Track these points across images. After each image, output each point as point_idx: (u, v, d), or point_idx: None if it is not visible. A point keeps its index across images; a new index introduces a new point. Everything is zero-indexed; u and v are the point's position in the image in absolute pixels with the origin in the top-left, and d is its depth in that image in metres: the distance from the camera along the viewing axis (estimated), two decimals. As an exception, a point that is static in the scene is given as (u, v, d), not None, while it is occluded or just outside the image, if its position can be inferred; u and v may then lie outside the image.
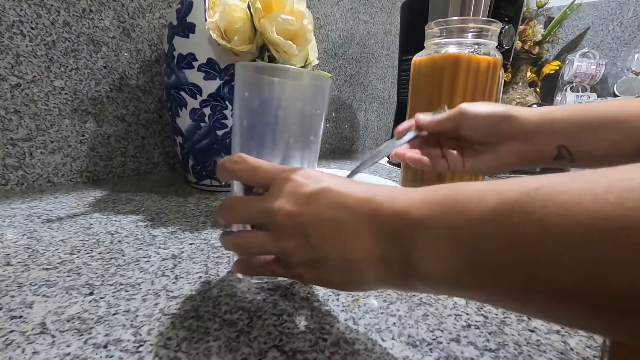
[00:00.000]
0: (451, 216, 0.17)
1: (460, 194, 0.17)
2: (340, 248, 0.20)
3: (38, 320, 0.23)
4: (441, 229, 0.17)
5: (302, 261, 0.22)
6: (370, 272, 0.20)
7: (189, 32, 0.48)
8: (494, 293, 0.16)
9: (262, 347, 0.21)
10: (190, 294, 0.27)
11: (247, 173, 0.24)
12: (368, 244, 0.19)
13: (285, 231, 0.22)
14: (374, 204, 0.20)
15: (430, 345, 0.22)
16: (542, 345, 0.23)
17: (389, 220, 0.19)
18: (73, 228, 0.39)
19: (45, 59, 0.51)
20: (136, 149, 0.62)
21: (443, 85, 0.44)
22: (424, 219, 0.18)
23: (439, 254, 0.17)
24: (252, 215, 0.24)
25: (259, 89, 0.26)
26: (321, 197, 0.21)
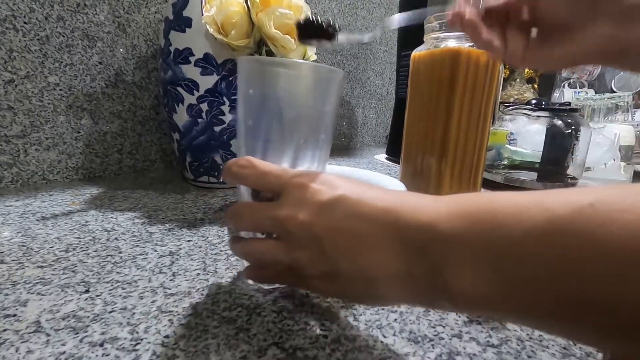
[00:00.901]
0: (488, 232, 0.15)
1: (498, 207, 0.16)
2: (358, 262, 0.19)
3: (32, 318, 0.23)
4: (476, 245, 0.16)
5: (317, 274, 0.20)
6: (391, 290, 0.18)
7: (186, 26, 0.47)
8: (537, 317, 0.15)
9: (262, 344, 0.21)
10: (188, 291, 0.26)
11: (256, 178, 0.22)
12: (389, 259, 0.18)
13: (299, 241, 0.20)
14: (395, 215, 0.18)
15: (432, 341, 0.22)
16: (544, 341, 0.22)
17: (414, 234, 0.17)
18: (68, 225, 0.38)
19: (39, 54, 0.50)
20: (132, 146, 0.62)
21: (442, 80, 0.44)
22: (455, 233, 0.16)
23: (473, 273, 0.15)
24: (262, 223, 0.22)
25: (264, 85, 0.24)
26: (337, 206, 0.19)
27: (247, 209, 0.23)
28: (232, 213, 0.23)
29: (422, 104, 0.47)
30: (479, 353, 0.21)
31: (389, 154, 0.88)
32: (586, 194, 0.14)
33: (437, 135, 0.45)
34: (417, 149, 0.49)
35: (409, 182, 0.49)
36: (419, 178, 0.49)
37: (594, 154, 0.71)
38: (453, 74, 0.43)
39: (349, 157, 0.91)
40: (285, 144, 0.24)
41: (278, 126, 0.24)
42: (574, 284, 0.13)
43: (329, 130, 0.26)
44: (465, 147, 0.45)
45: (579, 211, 0.14)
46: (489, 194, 0.17)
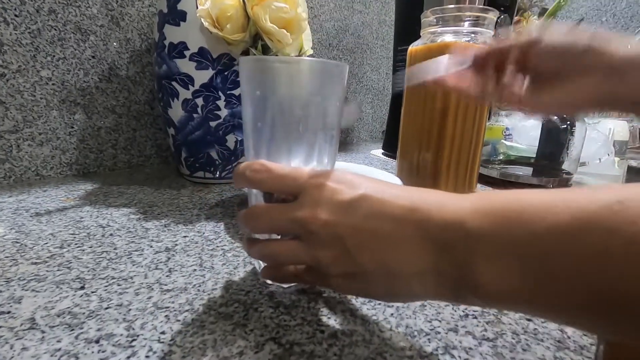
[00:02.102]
0: (515, 228, 0.16)
1: (524, 204, 0.16)
2: (383, 261, 0.19)
3: (27, 315, 0.23)
4: (503, 241, 0.16)
5: (339, 273, 0.20)
6: (417, 286, 0.18)
7: (180, 20, 0.47)
8: (564, 312, 0.15)
9: (259, 339, 0.21)
10: (184, 287, 0.26)
11: (272, 182, 0.22)
12: (415, 257, 0.18)
13: (321, 241, 0.20)
14: (421, 213, 0.18)
15: (429, 336, 0.22)
16: (539, 334, 0.23)
17: (440, 231, 0.17)
18: (63, 222, 0.38)
19: (30, 48, 0.49)
20: (127, 141, 0.61)
21: None
22: (482, 230, 0.16)
23: (500, 269, 0.16)
24: (281, 225, 0.22)
25: (271, 84, 0.23)
26: (360, 205, 0.19)
27: (263, 212, 0.23)
28: (248, 216, 0.23)
29: (418, 99, 0.47)
30: (474, 347, 0.21)
31: (386, 149, 0.88)
32: (614, 192, 0.14)
33: (434, 131, 0.45)
34: (413, 144, 0.49)
35: (405, 177, 0.49)
36: (416, 173, 0.49)
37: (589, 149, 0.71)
38: None
39: (346, 153, 0.90)
40: (296, 142, 0.24)
41: (288, 125, 0.24)
42: (601, 280, 0.13)
43: (337, 126, 0.26)
44: (462, 142, 0.45)
45: (607, 208, 0.14)
46: (514, 192, 0.17)
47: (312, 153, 0.24)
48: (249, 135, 0.25)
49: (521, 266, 0.15)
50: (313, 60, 0.24)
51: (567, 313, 0.15)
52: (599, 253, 0.13)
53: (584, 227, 0.14)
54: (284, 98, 0.23)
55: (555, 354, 0.21)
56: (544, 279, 0.15)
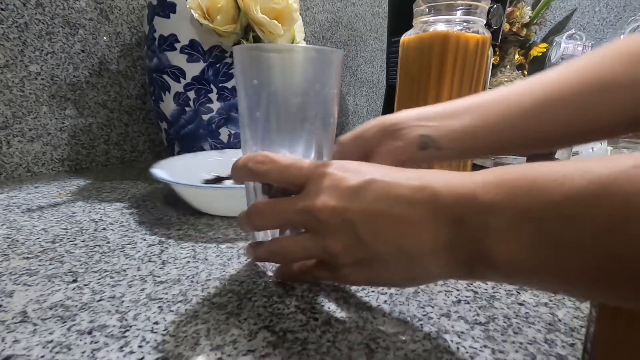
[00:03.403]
0: (529, 198, 0.15)
1: (537, 174, 0.16)
2: (397, 243, 0.18)
3: (18, 309, 0.22)
4: (518, 212, 0.15)
5: (351, 261, 0.20)
6: (433, 265, 0.18)
7: (170, 12, 0.46)
8: (582, 280, 0.15)
9: (252, 328, 0.21)
10: (177, 278, 0.26)
11: (277, 173, 0.22)
12: (428, 235, 0.18)
13: (331, 229, 0.20)
14: (430, 191, 0.18)
15: (421, 321, 0.22)
16: (530, 318, 0.23)
17: (452, 207, 0.17)
18: (55, 217, 0.37)
19: (18, 42, 0.49)
20: (119, 137, 0.61)
21: (432, 64, 0.43)
22: (495, 202, 0.16)
23: (516, 239, 0.15)
24: (288, 217, 0.21)
25: (267, 73, 0.23)
26: (368, 189, 0.19)
27: (268, 206, 0.22)
28: (251, 214, 0.22)
29: (411, 89, 0.47)
30: (466, 331, 0.21)
31: (380, 141, 0.88)
32: (628, 158, 0.14)
33: None
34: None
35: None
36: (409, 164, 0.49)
37: (582, 138, 0.72)
38: (442, 58, 0.43)
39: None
40: (296, 132, 0.24)
41: (285, 115, 0.23)
42: (619, 245, 0.13)
43: (335, 114, 0.25)
44: None
45: (624, 172, 0.13)
46: (523, 165, 0.17)
47: (311, 142, 0.24)
48: (245, 126, 0.24)
49: (537, 235, 0.15)
50: (308, 47, 0.23)
51: (584, 281, 0.15)
52: (617, 218, 0.13)
53: (601, 192, 0.14)
54: (280, 87, 0.23)
55: (546, 336, 0.21)
56: (561, 247, 0.15)
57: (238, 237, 0.33)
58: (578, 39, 1.24)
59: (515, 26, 1.21)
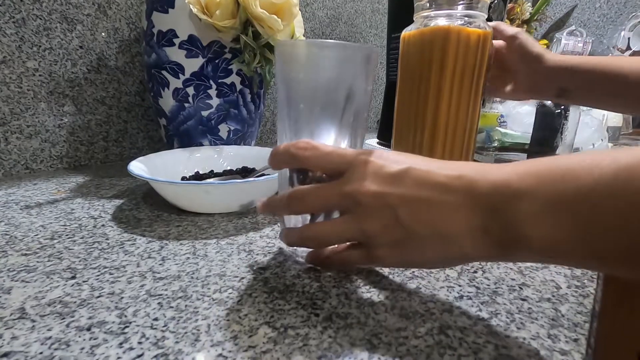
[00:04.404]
0: (561, 184, 0.17)
1: (567, 163, 0.17)
2: (434, 225, 0.20)
3: (17, 305, 0.22)
4: (550, 197, 0.17)
5: (388, 242, 0.21)
6: (467, 246, 0.19)
7: (168, 7, 0.46)
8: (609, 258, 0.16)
9: (253, 324, 0.21)
10: (177, 274, 0.26)
11: (318, 159, 0.22)
12: (465, 219, 0.19)
13: (370, 212, 0.21)
14: (467, 179, 0.19)
15: (424, 317, 0.22)
16: (533, 313, 0.23)
17: (487, 193, 0.19)
18: (54, 214, 0.37)
19: (15, 38, 0.48)
20: (118, 133, 0.60)
21: (433, 59, 0.43)
22: (529, 189, 0.17)
23: (548, 224, 0.17)
24: (330, 201, 0.22)
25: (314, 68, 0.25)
26: (407, 176, 0.20)
27: (309, 191, 0.23)
28: (292, 198, 0.23)
29: (412, 86, 0.46)
30: (469, 326, 0.21)
31: (381, 138, 0.87)
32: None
33: (428, 118, 0.45)
34: (407, 132, 0.48)
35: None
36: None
37: (583, 134, 0.71)
38: (443, 53, 0.42)
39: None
40: (335, 124, 0.25)
41: (328, 107, 0.25)
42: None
43: (369, 108, 0.27)
44: (456, 128, 0.45)
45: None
46: (550, 157, 0.18)
47: (347, 133, 0.26)
48: (285, 118, 0.26)
49: (569, 219, 0.16)
50: (351, 44, 0.25)
51: (613, 261, 0.16)
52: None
53: (630, 177, 0.15)
54: (324, 81, 0.25)
55: (549, 332, 0.21)
56: (592, 229, 0.16)
57: (238, 233, 0.33)
58: (578, 36, 1.23)
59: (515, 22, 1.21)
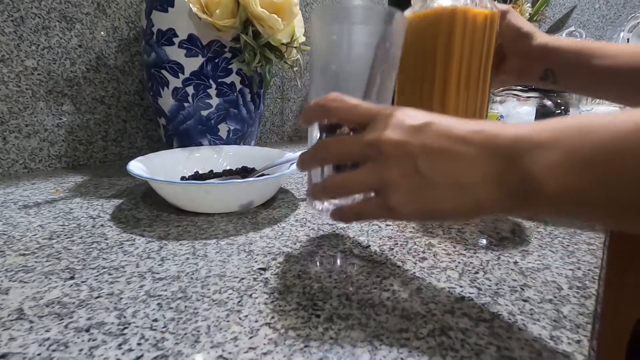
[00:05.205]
0: (580, 136, 0.17)
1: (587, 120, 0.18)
2: (452, 174, 0.20)
3: (15, 306, 0.22)
4: (569, 148, 0.17)
5: (406, 190, 0.21)
6: (484, 196, 0.20)
7: (168, 5, 0.45)
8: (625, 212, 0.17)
9: (254, 325, 0.21)
10: (177, 275, 0.26)
11: (346, 110, 0.24)
12: (482, 170, 0.20)
13: (391, 161, 0.21)
14: (487, 133, 0.20)
15: (425, 318, 0.22)
16: (535, 314, 0.23)
17: (507, 145, 0.19)
18: (52, 213, 0.37)
19: (14, 37, 0.48)
20: (117, 133, 0.60)
21: (437, 46, 0.39)
22: (549, 141, 0.18)
23: (567, 172, 0.17)
24: (353, 150, 0.23)
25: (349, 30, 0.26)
26: (429, 128, 0.21)
27: (335, 140, 0.24)
28: (318, 147, 0.24)
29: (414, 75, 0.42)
30: (471, 328, 0.21)
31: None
32: None
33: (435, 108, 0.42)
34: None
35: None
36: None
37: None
38: (450, 38, 0.38)
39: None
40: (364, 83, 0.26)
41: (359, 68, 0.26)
42: None
43: (397, 71, 0.28)
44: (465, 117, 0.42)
45: None
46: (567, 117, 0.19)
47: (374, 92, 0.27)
48: (318, 79, 0.27)
49: (588, 169, 0.17)
50: (384, 7, 0.26)
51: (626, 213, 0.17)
52: None
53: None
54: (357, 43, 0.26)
55: (551, 333, 0.21)
56: (608, 180, 0.16)
57: (238, 234, 0.33)
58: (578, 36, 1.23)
59: (515, 23, 1.20)
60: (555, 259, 0.30)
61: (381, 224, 0.36)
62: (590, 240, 0.33)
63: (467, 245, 0.32)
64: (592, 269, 0.28)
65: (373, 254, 0.30)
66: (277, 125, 0.88)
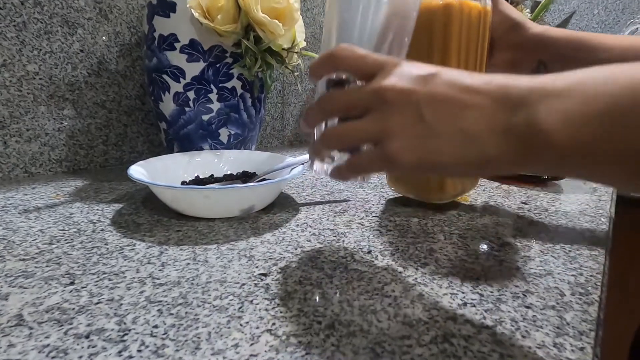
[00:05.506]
0: (596, 86, 0.17)
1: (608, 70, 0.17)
2: (457, 122, 0.20)
3: (14, 312, 0.22)
4: (585, 97, 0.17)
5: (407, 137, 0.21)
6: (489, 145, 0.19)
7: (170, 11, 0.46)
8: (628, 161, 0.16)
9: (255, 332, 0.21)
10: (177, 280, 0.26)
11: (355, 59, 0.23)
12: (489, 118, 0.19)
13: (395, 109, 0.21)
14: (498, 83, 0.20)
15: (427, 324, 0.22)
16: (538, 321, 0.22)
17: (520, 95, 0.19)
18: (52, 218, 0.37)
19: (16, 42, 0.48)
20: (118, 137, 0.60)
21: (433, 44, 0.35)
22: (563, 90, 0.18)
23: (578, 121, 0.17)
24: (358, 99, 0.23)
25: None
26: (436, 77, 0.21)
27: (338, 92, 0.24)
28: (323, 99, 0.24)
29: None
30: (473, 334, 0.21)
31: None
32: None
33: None
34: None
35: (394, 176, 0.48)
36: None
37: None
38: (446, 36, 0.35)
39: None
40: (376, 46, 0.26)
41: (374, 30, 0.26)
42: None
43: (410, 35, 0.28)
44: None
45: None
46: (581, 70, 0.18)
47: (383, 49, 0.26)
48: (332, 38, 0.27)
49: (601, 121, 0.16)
50: None
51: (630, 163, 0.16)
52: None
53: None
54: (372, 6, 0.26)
55: (554, 340, 0.21)
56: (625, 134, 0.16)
57: (238, 239, 0.33)
58: (577, 42, 1.24)
59: (514, 28, 1.21)
60: (558, 265, 0.30)
61: (382, 228, 0.36)
62: (592, 246, 0.33)
63: (469, 251, 0.32)
64: (594, 275, 0.28)
65: (374, 259, 0.30)
66: (277, 129, 0.88)
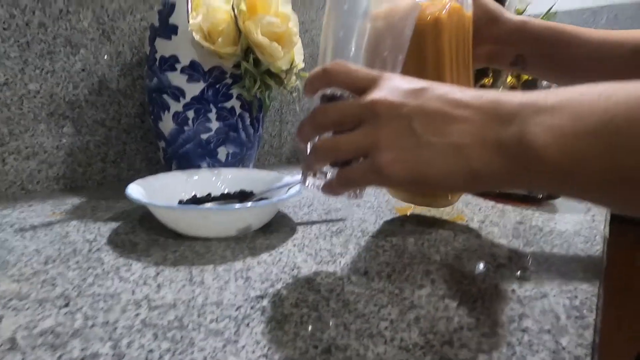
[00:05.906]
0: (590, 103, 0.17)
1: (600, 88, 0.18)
2: (446, 134, 0.20)
3: (7, 335, 0.22)
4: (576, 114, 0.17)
5: (396, 149, 0.21)
6: (478, 160, 0.19)
7: (171, 33, 0.47)
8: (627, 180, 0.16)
9: (251, 356, 0.21)
10: (173, 303, 0.26)
11: (347, 74, 0.24)
12: (480, 132, 0.19)
13: (385, 122, 0.21)
14: (489, 98, 0.20)
15: (424, 349, 0.22)
16: (534, 345, 0.22)
17: (510, 110, 0.19)
18: (48, 237, 0.37)
19: (19, 61, 0.49)
20: (117, 155, 0.60)
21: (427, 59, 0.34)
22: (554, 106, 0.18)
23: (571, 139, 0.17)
24: (350, 113, 0.23)
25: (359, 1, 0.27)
26: (428, 91, 0.21)
27: (332, 105, 0.24)
28: (316, 113, 0.24)
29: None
30: (470, 359, 0.21)
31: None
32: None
33: None
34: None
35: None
36: None
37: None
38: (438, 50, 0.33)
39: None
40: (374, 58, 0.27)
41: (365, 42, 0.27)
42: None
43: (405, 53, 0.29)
44: None
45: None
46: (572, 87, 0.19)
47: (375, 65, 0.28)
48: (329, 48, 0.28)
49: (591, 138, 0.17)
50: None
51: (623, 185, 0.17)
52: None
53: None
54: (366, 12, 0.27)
55: (550, 366, 0.21)
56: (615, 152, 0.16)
57: (235, 259, 0.33)
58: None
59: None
60: (552, 287, 0.30)
61: (379, 249, 0.36)
62: (587, 268, 0.33)
63: (464, 273, 0.32)
64: (589, 297, 0.28)
65: (371, 280, 0.30)
66: (275, 147, 0.89)
